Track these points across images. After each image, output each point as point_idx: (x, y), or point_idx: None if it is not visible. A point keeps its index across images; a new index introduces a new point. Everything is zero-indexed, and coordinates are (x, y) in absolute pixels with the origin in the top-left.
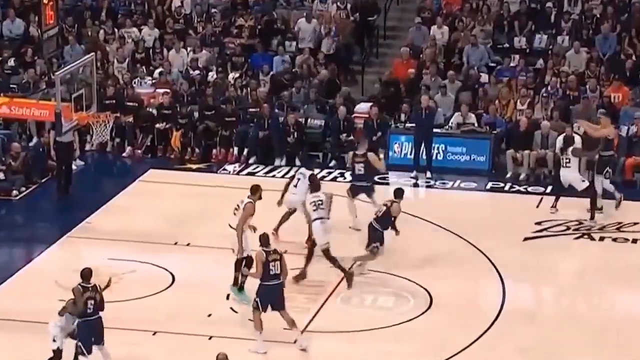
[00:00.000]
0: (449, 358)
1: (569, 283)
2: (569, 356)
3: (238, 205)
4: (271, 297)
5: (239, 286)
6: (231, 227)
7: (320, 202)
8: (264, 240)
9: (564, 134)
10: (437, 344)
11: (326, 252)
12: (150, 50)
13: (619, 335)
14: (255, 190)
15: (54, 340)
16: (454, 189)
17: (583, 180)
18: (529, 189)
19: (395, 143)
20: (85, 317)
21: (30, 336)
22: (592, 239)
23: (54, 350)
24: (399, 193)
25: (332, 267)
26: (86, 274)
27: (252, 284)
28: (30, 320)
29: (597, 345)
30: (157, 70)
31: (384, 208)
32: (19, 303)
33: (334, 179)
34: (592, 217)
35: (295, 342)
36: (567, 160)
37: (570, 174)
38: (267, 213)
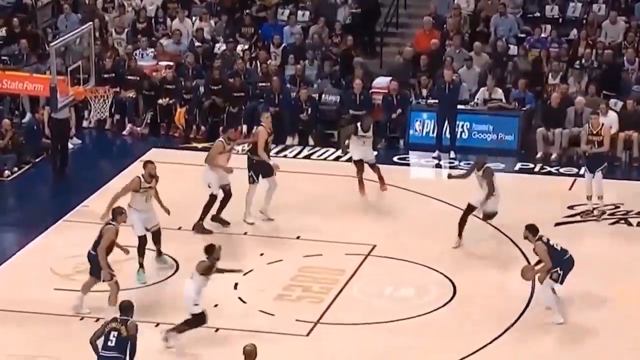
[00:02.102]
0: (473, 353)
1: (604, 273)
2: (603, 354)
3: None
4: None
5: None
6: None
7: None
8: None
9: None
10: (461, 338)
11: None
12: (153, 20)
13: None
14: (145, 166)
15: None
16: None
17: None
18: (561, 170)
19: (417, 120)
20: (101, 352)
21: (23, 328)
22: (630, 224)
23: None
24: None
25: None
26: (126, 306)
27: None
28: (24, 311)
29: (632, 341)
30: (161, 41)
31: None
32: (11, 292)
33: (350, 160)
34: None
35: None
36: None
37: None
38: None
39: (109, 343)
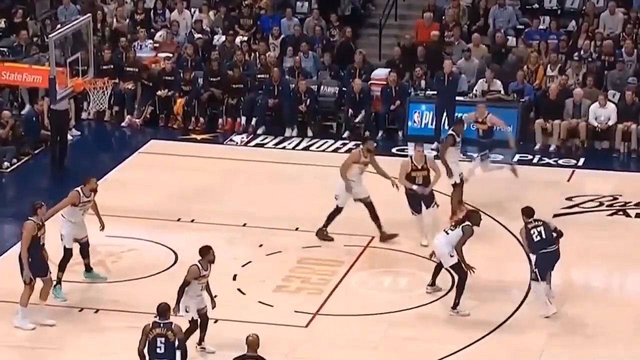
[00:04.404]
0: (473, 343)
1: (602, 264)
2: (600, 343)
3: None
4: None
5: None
6: (63, 216)
7: None
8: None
9: None
10: (460, 328)
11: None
12: (151, 12)
13: None
14: (86, 181)
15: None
16: None
17: None
18: (560, 161)
19: (415, 112)
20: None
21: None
22: (628, 215)
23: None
24: None
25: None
26: (163, 310)
27: None
28: None
29: (632, 332)
30: (159, 33)
31: None
32: (11, 283)
33: (349, 151)
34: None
35: None
36: None
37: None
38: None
39: (158, 350)
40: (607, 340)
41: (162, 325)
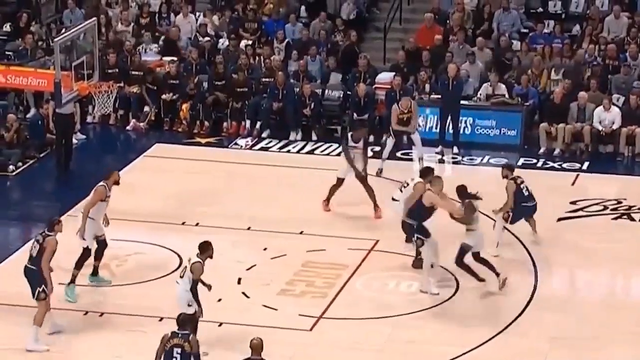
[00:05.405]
0: (476, 347)
1: (606, 268)
2: (604, 346)
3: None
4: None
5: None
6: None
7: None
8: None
9: None
10: (463, 332)
11: None
12: (156, 15)
13: None
14: (110, 175)
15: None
16: (482, 165)
17: None
18: (564, 165)
19: (420, 116)
20: None
21: (29, 322)
22: (632, 219)
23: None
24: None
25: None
26: (183, 320)
27: None
28: (29, 305)
29: (636, 335)
30: (163, 37)
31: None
32: (15, 287)
33: None
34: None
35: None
36: None
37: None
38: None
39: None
40: (611, 343)
41: (180, 335)
